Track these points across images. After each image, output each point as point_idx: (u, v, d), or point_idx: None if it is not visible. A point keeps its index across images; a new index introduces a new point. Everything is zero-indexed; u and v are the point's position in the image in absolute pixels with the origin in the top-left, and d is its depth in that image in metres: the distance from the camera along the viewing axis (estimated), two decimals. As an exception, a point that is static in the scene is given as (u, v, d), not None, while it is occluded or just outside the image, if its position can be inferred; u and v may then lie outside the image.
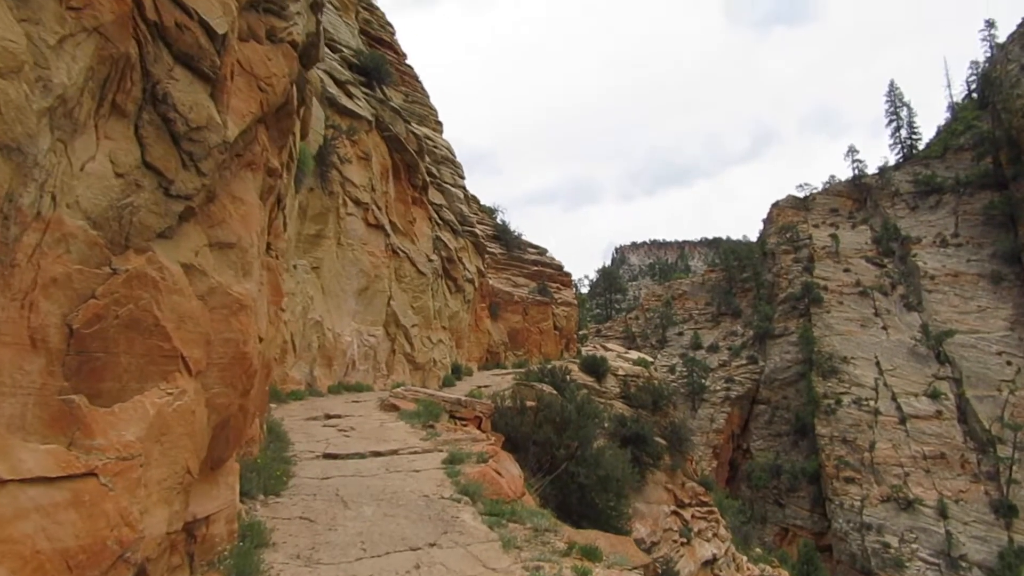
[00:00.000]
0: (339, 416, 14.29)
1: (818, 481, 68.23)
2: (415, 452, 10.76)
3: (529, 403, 20.02)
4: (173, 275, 4.94)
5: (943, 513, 61.82)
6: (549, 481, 15.06)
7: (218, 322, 5.49)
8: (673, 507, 28.30)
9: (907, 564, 59.99)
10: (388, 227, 21.62)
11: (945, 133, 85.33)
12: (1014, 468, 62.41)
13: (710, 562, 28.37)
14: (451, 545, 7.09)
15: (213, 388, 5.51)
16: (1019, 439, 63.13)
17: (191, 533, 5.63)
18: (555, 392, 22.00)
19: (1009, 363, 67.12)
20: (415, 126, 25.04)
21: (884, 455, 65.84)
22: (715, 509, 30.21)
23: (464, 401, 16.56)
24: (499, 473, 9.82)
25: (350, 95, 20.36)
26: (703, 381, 74.70)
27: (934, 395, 67.20)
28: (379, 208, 21.23)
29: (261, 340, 7.02)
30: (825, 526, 66.73)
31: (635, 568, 6.79)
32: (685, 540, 27.51)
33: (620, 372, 30.57)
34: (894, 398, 68.24)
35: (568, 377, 24.92)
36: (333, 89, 19.41)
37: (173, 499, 4.87)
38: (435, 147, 28.67)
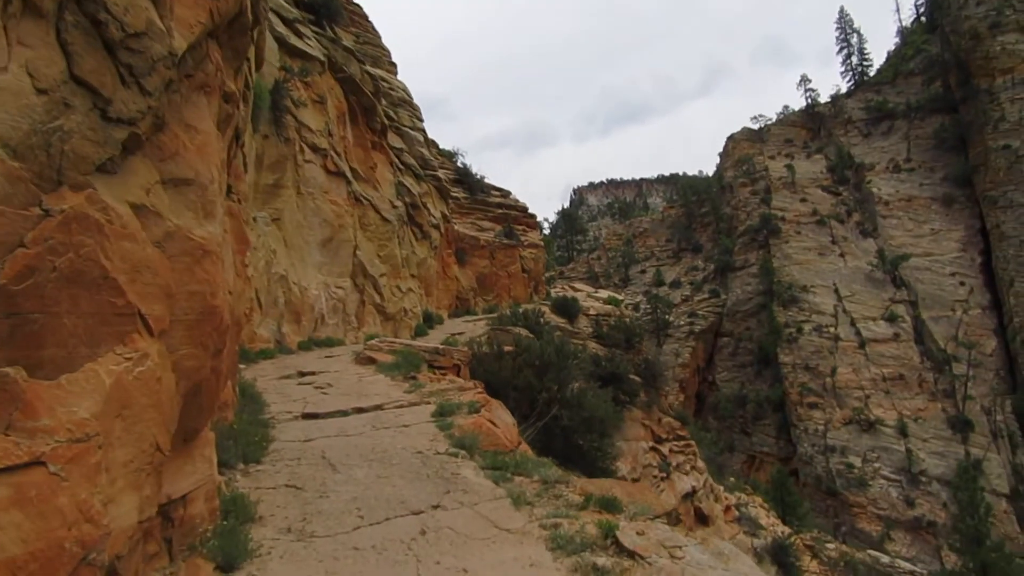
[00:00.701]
0: (314, 373, 13.51)
1: (783, 408, 69.36)
2: (401, 406, 10.05)
3: (507, 348, 19.42)
4: (121, 217, 4.08)
5: (903, 432, 63.42)
6: (533, 424, 14.48)
7: (180, 272, 4.65)
8: (651, 443, 28.19)
9: (870, 483, 61.69)
10: (349, 174, 20.54)
11: (895, 58, 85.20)
12: (968, 385, 64.11)
13: (690, 495, 28.42)
14: (456, 506, 6.42)
15: (180, 349, 4.69)
16: (973, 356, 64.71)
17: (167, 516, 4.88)
18: (532, 335, 21.41)
19: (962, 283, 68.36)
20: (369, 68, 23.74)
21: (845, 379, 67.06)
22: (692, 443, 30.23)
23: (442, 350, 15.89)
24: (494, 423, 9.18)
25: (299, 34, 19.03)
26: (667, 317, 75.01)
27: (891, 318, 68.31)
28: (338, 154, 20.12)
29: (230, 293, 6.18)
30: (791, 451, 68.13)
31: (658, 517, 6.21)
32: (665, 475, 27.47)
33: (592, 312, 30.10)
34: (853, 323, 69.23)
35: (542, 320, 24.31)
36: (281, 28, 18.08)
37: (143, 482, 4.09)
38: (391, 89, 27.34)
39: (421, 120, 29.20)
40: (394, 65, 29.43)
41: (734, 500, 33.64)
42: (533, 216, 41.21)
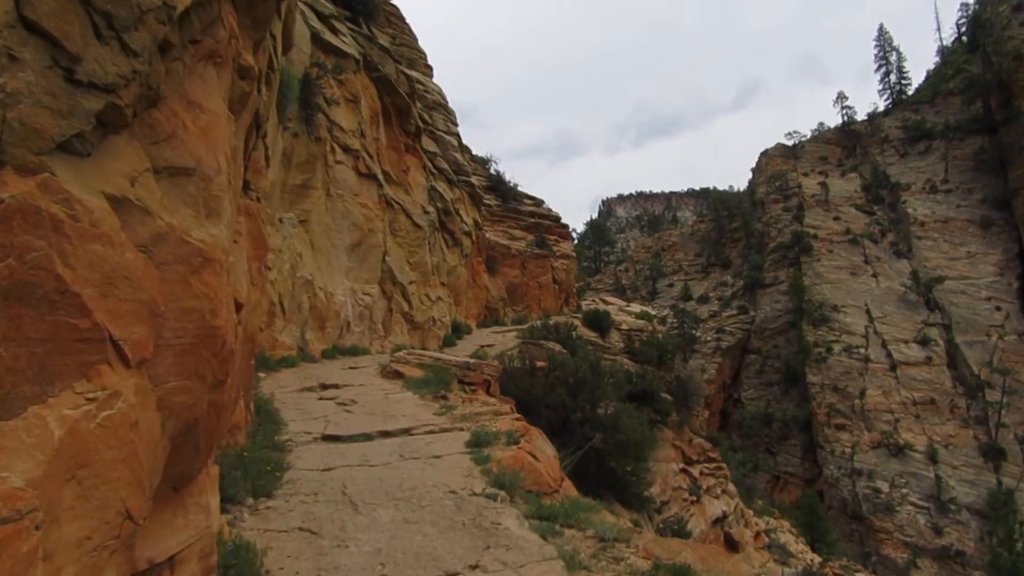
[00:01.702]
0: (336, 386, 12.51)
1: (809, 429, 67.70)
2: (431, 431, 9.00)
3: (539, 363, 18.35)
4: (92, 212, 3.07)
5: (933, 458, 61.54)
6: (573, 452, 13.37)
7: (172, 284, 3.63)
8: (681, 465, 26.94)
9: (897, 508, 59.84)
10: (380, 176, 19.60)
11: (935, 78, 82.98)
12: (1002, 412, 62.03)
13: (720, 520, 27.12)
14: (498, 567, 5.34)
15: (168, 381, 3.67)
16: (1007, 383, 62.59)
17: (147, 586, 3.84)
18: (564, 351, 20.30)
19: (998, 308, 66.29)
20: (405, 68, 22.83)
21: (874, 402, 65.24)
22: (723, 465, 28.93)
23: (472, 364, 14.83)
24: (534, 456, 8.10)
25: (335, 31, 18.14)
26: (694, 332, 73.44)
27: (924, 341, 66.39)
28: (370, 156, 19.20)
29: (241, 307, 5.16)
30: (816, 473, 66.40)
31: (739, 592, 5.08)
32: (695, 498, 26.21)
33: (624, 326, 28.91)
34: (884, 345, 67.40)
35: (574, 334, 23.19)
36: (316, 23, 17.19)
37: (104, 565, 3.06)
38: (426, 91, 26.41)
39: (456, 124, 28.24)
40: (430, 68, 28.51)
41: (763, 525, 32.23)
42: (566, 226, 40.08)
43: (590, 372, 17.64)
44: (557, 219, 38.97)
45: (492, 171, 37.17)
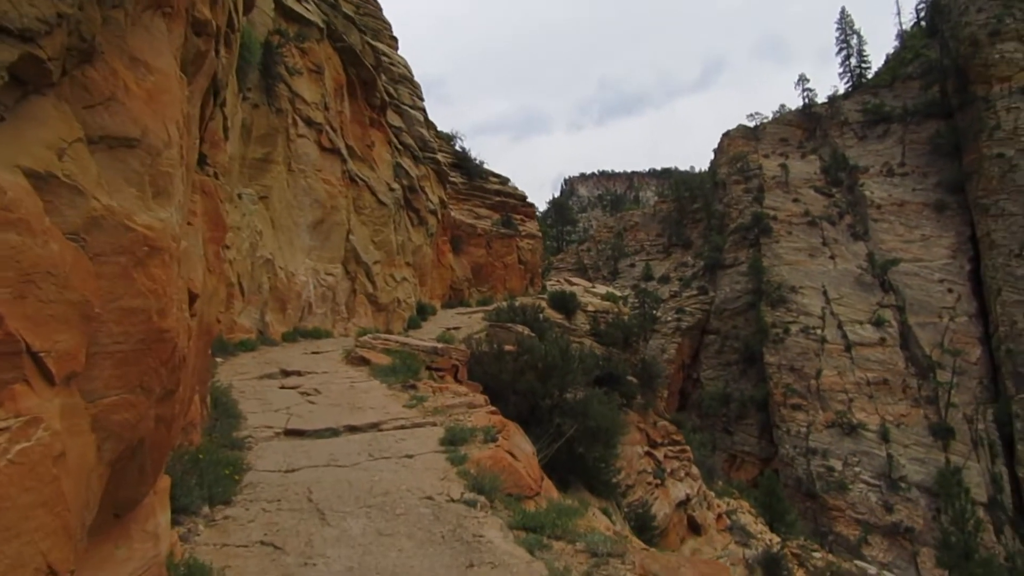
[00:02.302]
0: (299, 373, 11.83)
1: (766, 408, 68.48)
2: (402, 426, 8.41)
3: (507, 347, 17.83)
4: (4, 193, 2.44)
5: (885, 437, 62.77)
6: (547, 444, 12.89)
7: (111, 279, 2.99)
8: (646, 448, 26.75)
9: (850, 486, 61.00)
10: (344, 151, 18.76)
11: (894, 62, 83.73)
12: (952, 392, 63.41)
13: (683, 503, 27.06)
14: (484, 588, 4.81)
15: (106, 396, 3.04)
16: (957, 364, 63.98)
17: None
18: (532, 334, 19.80)
19: (950, 290, 67.59)
20: (370, 39, 21.89)
21: (830, 382, 66.21)
22: (687, 448, 28.84)
23: (440, 349, 14.25)
24: (513, 455, 7.57)
25: (297, -4, 17.20)
26: (654, 312, 73.61)
27: (878, 323, 67.46)
28: (334, 130, 18.35)
29: (195, 298, 4.52)
30: (772, 452, 67.26)
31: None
32: (659, 481, 26.05)
33: (590, 308, 28.50)
34: (840, 326, 68.33)
35: (541, 316, 22.69)
36: (277, -13, 16.25)
37: (17, 636, 2.44)
38: (391, 64, 25.45)
39: (421, 99, 27.33)
40: (395, 40, 27.48)
41: (724, 507, 32.31)
42: (532, 205, 39.39)
43: (560, 356, 17.16)
44: (523, 198, 38.29)
45: (458, 147, 36.32)
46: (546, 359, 17.12)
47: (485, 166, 36.99)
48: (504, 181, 37.88)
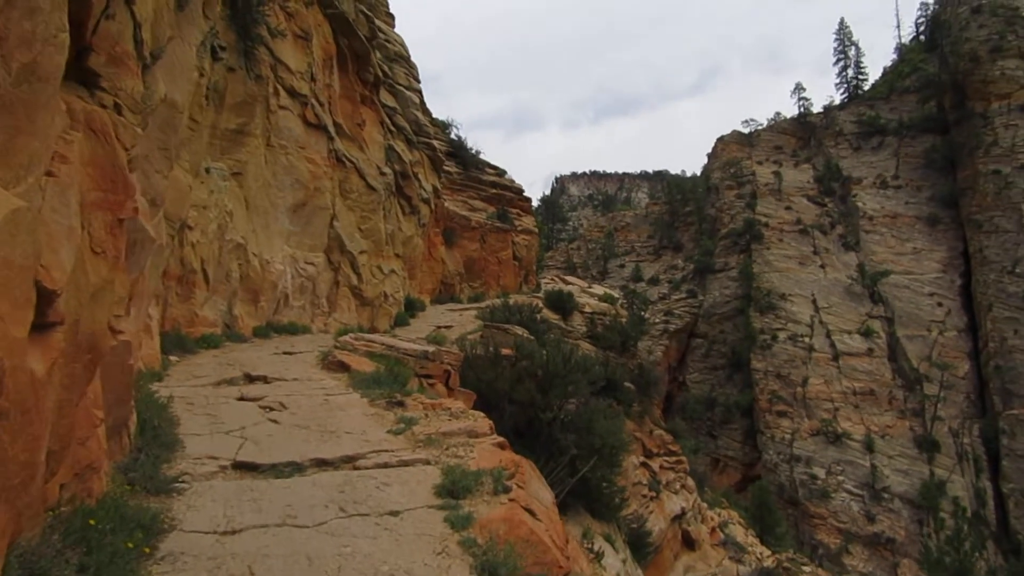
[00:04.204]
0: (265, 379, 9.79)
1: (751, 414, 67.36)
2: (386, 463, 6.40)
3: (504, 351, 15.84)
4: None
5: (869, 447, 61.78)
6: (552, 470, 10.91)
7: None
8: (642, 458, 24.87)
9: (833, 495, 59.99)
10: (331, 128, 16.66)
11: (891, 74, 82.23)
12: (939, 405, 62.33)
13: (679, 516, 25.20)
14: None
15: None
16: (945, 378, 62.85)
17: None
18: (531, 337, 17.82)
19: (940, 304, 66.47)
20: (365, 10, 19.76)
21: (816, 390, 65.09)
22: (683, 459, 26.97)
23: (431, 354, 12.24)
24: (532, 513, 5.60)
25: (285, -49, 15.07)
26: (643, 314, 71.95)
27: (867, 333, 66.35)
28: (320, 104, 16.25)
29: (54, 298, 2.49)
30: (755, 457, 66.09)
31: None
32: (654, 494, 24.16)
33: (587, 309, 26.55)
34: (828, 335, 67.14)
35: (538, 317, 20.71)
36: (262, -62, 14.11)
37: None
38: (387, 41, 23.28)
39: (417, 80, 25.16)
40: (392, 16, 25.29)
41: (717, 519, 30.54)
42: (528, 199, 37.26)
43: (562, 364, 15.21)
44: (520, 191, 36.12)
45: (453, 136, 34.14)
46: (547, 366, 15.16)
47: (481, 157, 34.97)
48: (501, 173, 35.71)
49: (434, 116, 33.05)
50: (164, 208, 9.70)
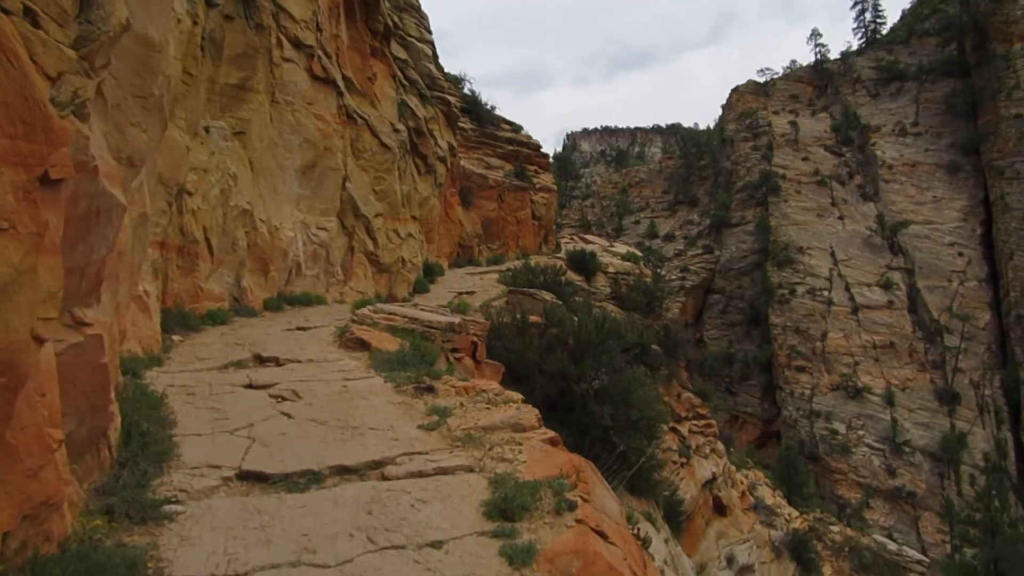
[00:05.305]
0: (277, 361, 8.66)
1: (769, 370, 66.37)
2: (420, 471, 5.27)
3: (532, 318, 14.69)
4: None
5: (889, 401, 60.90)
6: (599, 456, 9.79)
7: None
8: (671, 423, 23.81)
9: (853, 450, 59.36)
10: (340, 82, 15.30)
11: (910, 17, 79.28)
12: (959, 357, 61.20)
13: (709, 482, 24.23)
14: None
15: None
16: (966, 329, 61.59)
17: None
18: (559, 302, 16.62)
19: (961, 254, 64.84)
20: (372, -45, 18.19)
21: (835, 344, 64.03)
22: (712, 422, 25.89)
23: (457, 325, 11.07)
24: (605, 536, 4.45)
25: None
26: (659, 270, 70.62)
27: (886, 285, 64.91)
28: (328, 56, 14.89)
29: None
30: (774, 413, 65.36)
31: None
32: (684, 460, 23.14)
33: (610, 269, 25.29)
34: (847, 288, 65.79)
35: (563, 279, 19.48)
36: None
37: None
38: (396, -11, 21.77)
39: (429, 32, 23.53)
40: (400, -36, 23.62)
41: (746, 482, 29.60)
42: (546, 156, 35.60)
43: (595, 331, 14.04)
44: (537, 147, 34.44)
45: (467, 91, 32.47)
46: (579, 334, 14.01)
47: (497, 112, 33.30)
48: (517, 129, 34.01)
49: (446, 71, 31.44)
50: (156, 171, 8.49)
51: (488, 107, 33.00)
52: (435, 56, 23.85)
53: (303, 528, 4.47)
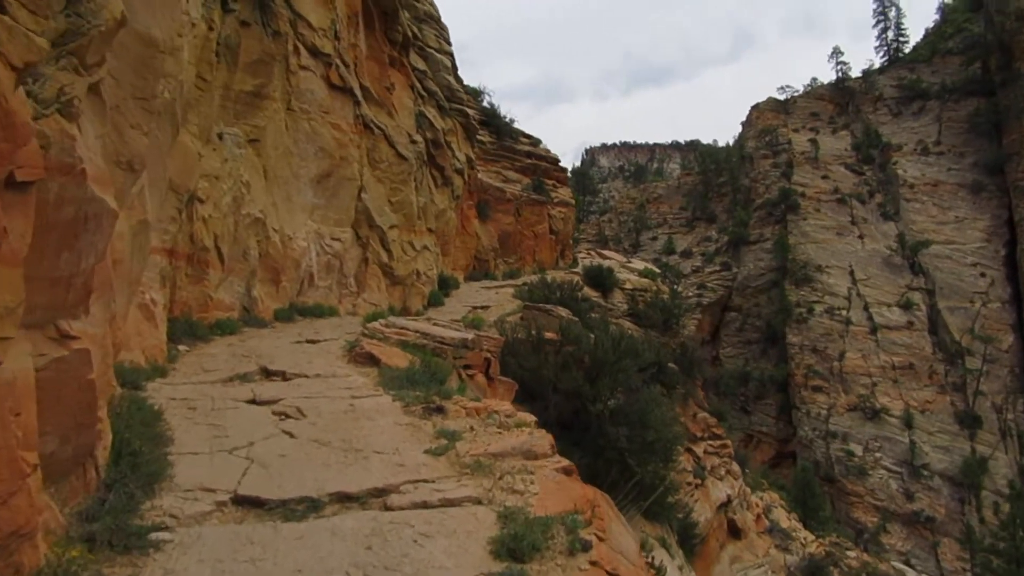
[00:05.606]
0: (283, 375, 8.37)
1: (786, 389, 65.38)
2: (425, 502, 4.93)
3: (548, 334, 14.34)
4: None
5: (908, 423, 59.76)
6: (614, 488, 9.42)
7: None
8: (686, 444, 23.34)
9: (870, 472, 58.22)
10: (358, 92, 15.11)
11: (934, 36, 78.44)
12: (981, 380, 60.00)
13: (724, 504, 23.69)
14: None
15: None
16: (988, 351, 60.40)
17: None
18: (575, 318, 16.27)
19: (983, 275, 63.71)
20: (392, -35, 18.05)
21: (853, 365, 62.98)
22: (728, 443, 25.37)
23: (471, 341, 10.74)
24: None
25: None
26: (676, 287, 70.05)
27: (906, 305, 63.86)
28: (345, 64, 14.70)
29: None
30: (790, 433, 64.36)
31: None
32: (699, 481, 22.64)
33: (627, 286, 24.92)
34: (866, 308, 64.80)
35: (579, 295, 19.13)
36: None
37: None
38: (416, 0, 21.62)
39: (449, 43, 23.36)
40: (421, -25, 23.49)
41: (761, 505, 29.00)
42: (564, 170, 35.36)
43: (612, 350, 13.69)
44: (555, 161, 34.19)
45: (486, 104, 32.28)
46: (595, 352, 13.66)
47: (515, 125, 33.09)
48: (536, 142, 33.77)
49: (466, 84, 31.28)
50: (167, 177, 8.25)
51: (507, 120, 32.82)
52: (454, 68, 23.68)
53: (297, 562, 4.15)
